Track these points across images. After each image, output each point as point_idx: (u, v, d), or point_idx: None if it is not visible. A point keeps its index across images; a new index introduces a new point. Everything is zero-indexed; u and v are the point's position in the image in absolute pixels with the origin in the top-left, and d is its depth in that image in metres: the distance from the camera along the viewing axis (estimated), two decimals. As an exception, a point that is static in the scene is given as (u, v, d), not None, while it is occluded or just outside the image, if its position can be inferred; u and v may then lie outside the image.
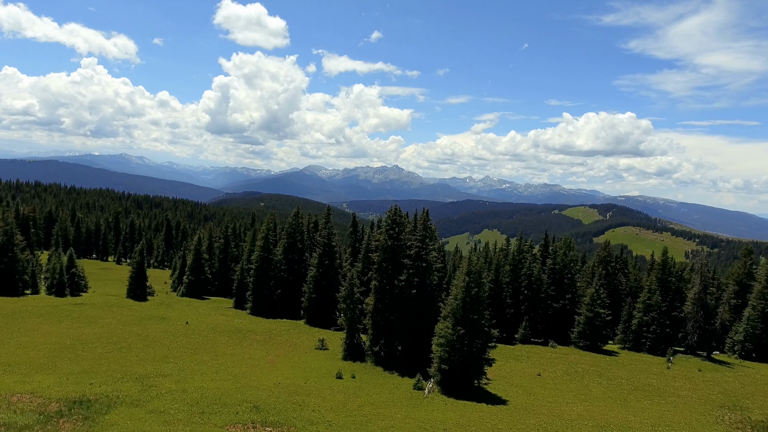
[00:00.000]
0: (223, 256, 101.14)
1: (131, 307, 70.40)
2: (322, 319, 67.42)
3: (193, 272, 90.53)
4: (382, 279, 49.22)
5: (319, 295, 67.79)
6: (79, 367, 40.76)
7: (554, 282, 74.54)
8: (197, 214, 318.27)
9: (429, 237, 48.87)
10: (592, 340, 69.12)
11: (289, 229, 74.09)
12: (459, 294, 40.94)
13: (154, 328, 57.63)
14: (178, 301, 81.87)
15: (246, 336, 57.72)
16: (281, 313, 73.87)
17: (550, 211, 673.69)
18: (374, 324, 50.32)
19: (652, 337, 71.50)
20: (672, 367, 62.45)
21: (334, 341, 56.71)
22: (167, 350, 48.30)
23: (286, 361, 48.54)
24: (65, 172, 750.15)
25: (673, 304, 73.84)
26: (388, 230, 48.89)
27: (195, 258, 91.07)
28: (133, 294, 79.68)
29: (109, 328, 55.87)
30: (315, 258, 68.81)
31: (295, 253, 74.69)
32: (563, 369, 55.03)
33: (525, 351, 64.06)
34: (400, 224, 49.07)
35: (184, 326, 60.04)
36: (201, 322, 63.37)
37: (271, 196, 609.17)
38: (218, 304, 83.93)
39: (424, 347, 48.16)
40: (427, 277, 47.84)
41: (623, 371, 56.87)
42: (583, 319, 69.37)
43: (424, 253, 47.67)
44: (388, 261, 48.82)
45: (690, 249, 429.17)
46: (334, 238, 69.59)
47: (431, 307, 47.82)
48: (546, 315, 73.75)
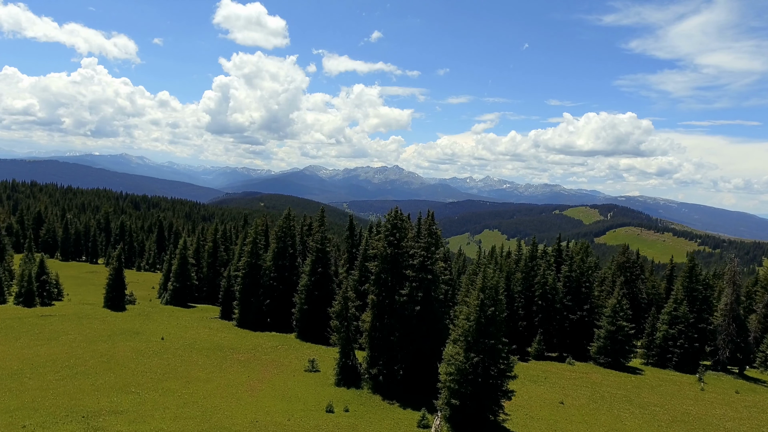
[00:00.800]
0: (211, 260, 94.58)
1: (104, 319, 63.75)
2: (315, 332, 60.69)
3: (178, 278, 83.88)
4: (381, 293, 42.51)
5: (312, 307, 61.06)
6: (17, 401, 34.12)
7: (570, 291, 67.83)
8: (195, 215, 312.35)
9: (435, 244, 42.16)
10: (613, 356, 62.38)
11: (279, 232, 67.35)
12: (472, 314, 34.22)
13: (123, 346, 50.94)
14: (159, 311, 75.19)
15: (227, 355, 51.02)
16: (270, 325, 67.18)
17: (551, 211, 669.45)
18: (371, 344, 43.65)
19: (680, 353, 64.81)
20: (705, 388, 55.76)
21: (326, 361, 50.05)
22: (131, 375, 41.63)
23: (269, 387, 41.86)
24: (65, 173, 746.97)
25: (701, 316, 67.16)
26: (388, 236, 42.18)
27: (180, 263, 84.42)
28: (110, 303, 72.98)
29: (71, 346, 49.19)
30: (307, 265, 62.11)
31: (286, 260, 67.95)
32: (587, 394, 48.29)
33: (541, 369, 57.33)
34: (401, 229, 42.35)
35: (159, 343, 53.35)
36: (179, 338, 56.70)
37: (271, 196, 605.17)
38: (204, 314, 77.29)
39: (430, 372, 41.48)
40: (432, 291, 41.13)
41: (654, 396, 50.12)
42: (603, 332, 62.66)
43: (429, 264, 40.97)
44: (388, 272, 42.11)
45: (692, 250, 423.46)
46: (328, 242, 62.85)
47: (438, 326, 41.13)
48: (562, 327, 67.05)
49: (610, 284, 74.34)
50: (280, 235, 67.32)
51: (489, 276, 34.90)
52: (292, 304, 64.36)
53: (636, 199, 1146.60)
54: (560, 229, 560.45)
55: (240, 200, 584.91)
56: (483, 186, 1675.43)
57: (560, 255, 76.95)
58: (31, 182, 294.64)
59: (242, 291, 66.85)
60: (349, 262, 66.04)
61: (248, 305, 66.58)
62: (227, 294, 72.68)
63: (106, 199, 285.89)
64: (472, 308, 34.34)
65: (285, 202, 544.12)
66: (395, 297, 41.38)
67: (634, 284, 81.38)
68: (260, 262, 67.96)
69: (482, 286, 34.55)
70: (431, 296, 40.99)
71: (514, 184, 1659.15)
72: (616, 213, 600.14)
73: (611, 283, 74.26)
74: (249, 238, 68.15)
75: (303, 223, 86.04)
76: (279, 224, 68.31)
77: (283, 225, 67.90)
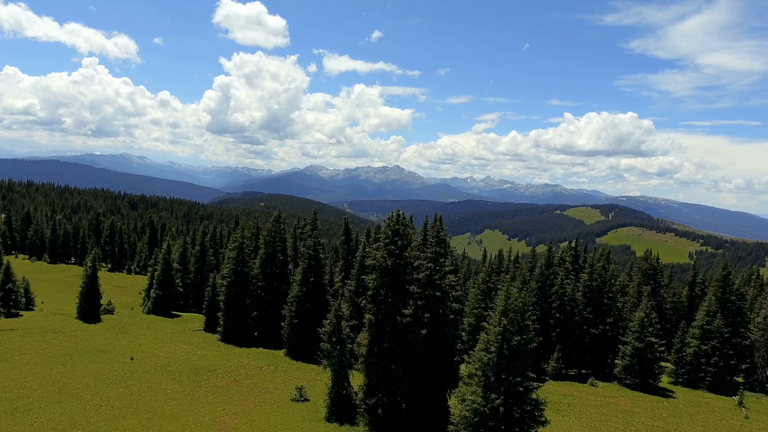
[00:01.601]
0: (199, 265, 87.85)
1: (72, 334, 57.13)
2: (307, 349, 53.90)
3: (161, 286, 77.17)
4: (379, 312, 35.80)
5: (303, 321, 54.32)
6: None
7: (591, 302, 61.03)
8: (194, 215, 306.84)
9: (443, 254, 35.44)
10: (641, 376, 55.55)
11: (268, 237, 60.59)
12: (492, 344, 27.52)
13: (83, 369, 44.28)
14: (138, 322, 68.52)
15: (203, 379, 44.35)
16: (258, 340, 60.50)
17: (552, 211, 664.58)
18: (369, 370, 36.96)
19: (714, 371, 58.06)
20: (749, 414, 49.01)
21: (317, 386, 43.42)
22: (82, 411, 34.97)
23: (245, 424, 35.19)
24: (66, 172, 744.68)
25: (736, 330, 60.38)
26: (388, 245, 35.43)
27: (163, 269, 77.73)
28: (83, 314, 66.34)
29: (22, 370, 42.53)
30: (298, 273, 55.38)
31: (276, 267, 61.20)
32: (620, 427, 41.53)
33: (561, 392, 50.53)
34: (403, 236, 35.61)
35: (126, 364, 46.70)
36: (151, 357, 50.02)
37: (272, 196, 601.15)
38: (187, 325, 70.62)
39: (438, 406, 34.84)
40: (441, 310, 34.41)
41: (696, 428, 43.34)
42: (630, 350, 55.86)
43: (437, 277, 34.24)
44: (388, 287, 35.38)
45: (694, 250, 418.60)
46: (321, 248, 56.05)
47: (448, 352, 34.42)
48: (582, 343, 60.24)
49: (634, 294, 67.48)
50: (268, 239, 60.56)
51: (513, 295, 28.18)
52: (282, 317, 57.70)
53: (637, 199, 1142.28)
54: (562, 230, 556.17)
55: (240, 200, 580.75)
56: (484, 186, 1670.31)
57: (577, 261, 70.26)
58: (27, 182, 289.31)
59: (227, 302, 60.13)
60: (345, 271, 59.35)
61: (233, 317, 59.88)
62: (211, 304, 65.93)
63: (102, 199, 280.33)
64: (492, 336, 27.63)
65: (285, 202, 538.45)
66: (396, 318, 34.66)
67: (657, 293, 74.58)
68: (247, 270, 61.26)
69: (504, 308, 27.85)
70: (440, 317, 34.27)
71: (514, 184, 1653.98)
72: (618, 213, 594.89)
73: (636, 293, 67.40)
74: (234, 243, 61.42)
75: (297, 225, 79.38)
76: (268, 227, 61.58)
77: (272, 228, 61.15)
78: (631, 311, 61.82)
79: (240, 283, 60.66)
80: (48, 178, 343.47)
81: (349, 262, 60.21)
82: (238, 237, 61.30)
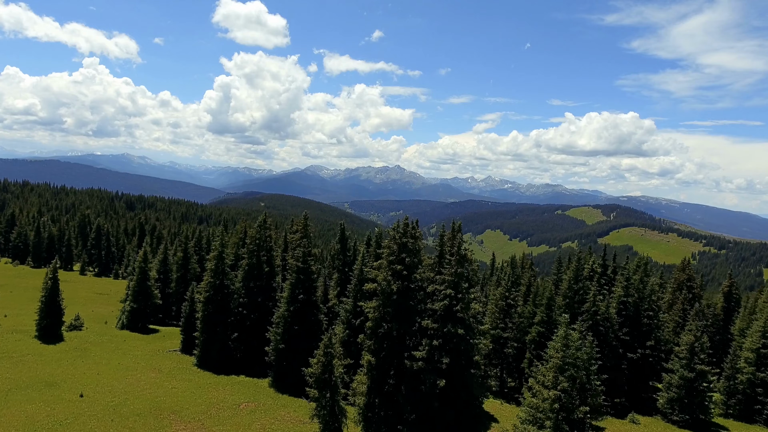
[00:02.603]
0: (181, 273, 79.39)
1: (21, 359, 48.68)
2: (294, 380, 45.19)
3: (136, 298, 68.69)
4: (381, 350, 27.25)
5: (291, 345, 45.77)
6: None
7: (627, 322, 52.47)
8: (192, 215, 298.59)
9: (468, 276, 26.80)
10: (690, 411, 46.95)
11: (252, 245, 52.04)
12: (545, 416, 18.88)
13: (15, 412, 35.77)
14: (106, 341, 60.08)
15: (163, 425, 35.81)
16: (241, 364, 52.03)
17: (553, 211, 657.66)
18: (368, 426, 28.43)
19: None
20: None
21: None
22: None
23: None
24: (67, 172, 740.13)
25: (796, 353, 51.70)
26: (393, 263, 26.86)
27: (139, 279, 69.26)
28: (42, 332, 57.93)
29: (-65, 415, 34.10)
30: (286, 289, 46.85)
31: (261, 280, 52.64)
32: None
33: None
34: (413, 252, 27.03)
35: (72, 404, 38.20)
36: (108, 391, 41.51)
37: (272, 196, 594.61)
38: (162, 344, 62.20)
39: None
40: (465, 352, 25.80)
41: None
42: (677, 380, 47.28)
43: (459, 308, 25.65)
44: (393, 320, 26.82)
45: (697, 251, 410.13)
46: (312, 259, 47.42)
47: (472, 412, 25.79)
48: (618, 370, 51.62)
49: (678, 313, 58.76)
50: (252, 248, 52.04)
51: (573, 342, 19.53)
52: (267, 338, 49.19)
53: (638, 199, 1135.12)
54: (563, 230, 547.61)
55: (240, 200, 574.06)
56: (484, 186, 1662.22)
57: (606, 271, 61.63)
58: (23, 182, 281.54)
59: (204, 320, 51.56)
60: (341, 285, 50.82)
61: (211, 339, 51.35)
62: (189, 321, 57.38)
63: (98, 200, 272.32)
64: (546, 404, 19.00)
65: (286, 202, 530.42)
66: (405, 360, 26.12)
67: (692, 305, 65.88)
68: (228, 283, 52.76)
69: (561, 363, 19.23)
70: (463, 360, 25.67)
71: (515, 184, 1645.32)
72: (619, 213, 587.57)
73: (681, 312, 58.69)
74: (213, 252, 52.88)
75: (289, 230, 70.81)
76: (251, 234, 53.00)
77: (256, 235, 52.58)
78: (675, 332, 53.27)
79: (219, 299, 52.16)
80: (49, 179, 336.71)
81: (345, 275, 51.67)
82: (217, 245, 52.67)
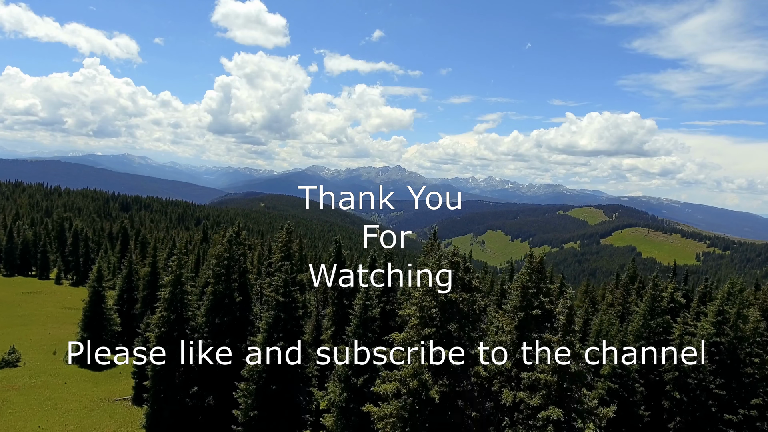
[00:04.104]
0: (148, 292, 66.40)
1: None
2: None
3: (87, 326, 56.12)
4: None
5: (266, 413, 32.78)
6: None
7: (720, 370, 39.19)
8: (189, 217, 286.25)
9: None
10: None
11: (218, 267, 39.00)
12: None
13: None
14: (41, 384, 47.47)
15: None
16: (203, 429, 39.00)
17: (555, 211, 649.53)
18: None
19: None
20: None
21: None
22: None
23: None
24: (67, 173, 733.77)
25: None
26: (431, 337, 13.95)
27: (91, 302, 56.60)
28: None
29: None
30: (261, 330, 33.85)
31: (230, 314, 39.64)
32: None
33: None
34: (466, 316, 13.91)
35: None
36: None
37: (272, 197, 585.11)
38: (112, 387, 49.69)
39: None
40: None
41: None
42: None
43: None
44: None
45: (701, 251, 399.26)
46: (296, 291, 34.27)
47: None
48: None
49: None
50: (218, 271, 38.92)
51: None
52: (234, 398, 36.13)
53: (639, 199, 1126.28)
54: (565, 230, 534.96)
55: (240, 201, 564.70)
56: (485, 186, 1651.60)
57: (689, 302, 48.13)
58: (15, 182, 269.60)
59: (154, 368, 38.58)
60: (337, 324, 37.74)
61: (162, 397, 38.32)
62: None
63: (92, 201, 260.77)
64: None
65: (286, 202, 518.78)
66: None
67: None
68: (188, 316, 39.78)
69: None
70: None
71: (516, 184, 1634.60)
72: (621, 213, 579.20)
73: None
74: (169, 276, 39.88)
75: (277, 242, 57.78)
76: (218, 252, 39.82)
77: (225, 254, 39.47)
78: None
79: (175, 338, 39.08)
80: (50, 179, 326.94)
81: (343, 310, 38.53)
82: (174, 266, 39.57)
